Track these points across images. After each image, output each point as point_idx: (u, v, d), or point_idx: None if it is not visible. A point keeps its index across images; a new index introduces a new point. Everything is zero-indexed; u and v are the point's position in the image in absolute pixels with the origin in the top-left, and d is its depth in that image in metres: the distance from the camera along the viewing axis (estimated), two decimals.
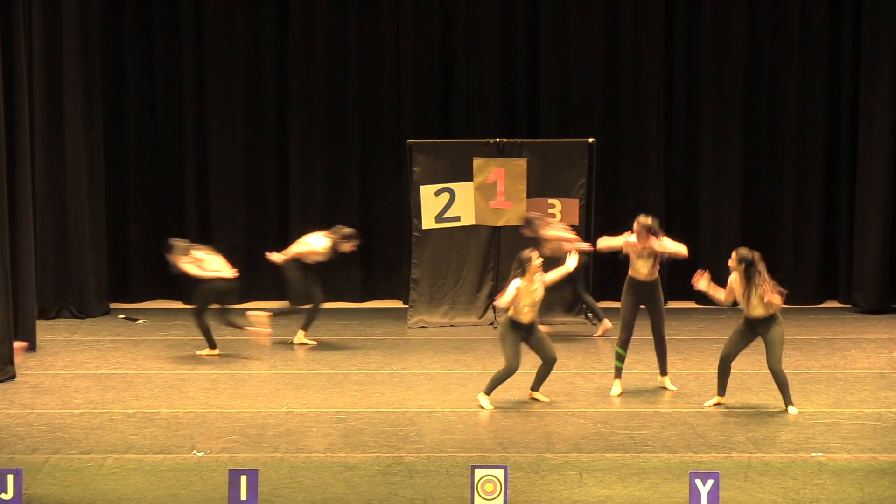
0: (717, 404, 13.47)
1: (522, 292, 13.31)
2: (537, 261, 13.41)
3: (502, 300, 13.39)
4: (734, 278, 13.22)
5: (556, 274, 13.62)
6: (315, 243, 16.19)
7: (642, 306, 13.95)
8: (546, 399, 13.73)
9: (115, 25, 18.48)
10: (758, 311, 13.14)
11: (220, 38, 18.52)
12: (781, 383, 13.27)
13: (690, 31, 18.62)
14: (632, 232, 13.83)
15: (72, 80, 17.64)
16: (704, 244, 18.63)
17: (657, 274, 13.87)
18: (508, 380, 14.64)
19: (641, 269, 13.81)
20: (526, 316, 13.40)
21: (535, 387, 13.79)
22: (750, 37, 18.52)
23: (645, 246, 13.75)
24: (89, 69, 17.84)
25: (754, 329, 13.23)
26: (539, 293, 13.42)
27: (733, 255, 13.24)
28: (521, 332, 13.46)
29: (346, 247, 16.33)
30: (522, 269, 13.37)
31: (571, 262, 13.80)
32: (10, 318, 14.83)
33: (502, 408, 13.49)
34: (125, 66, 18.58)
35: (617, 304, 14.29)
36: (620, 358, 13.98)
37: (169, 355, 15.81)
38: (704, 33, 18.52)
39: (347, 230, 16.31)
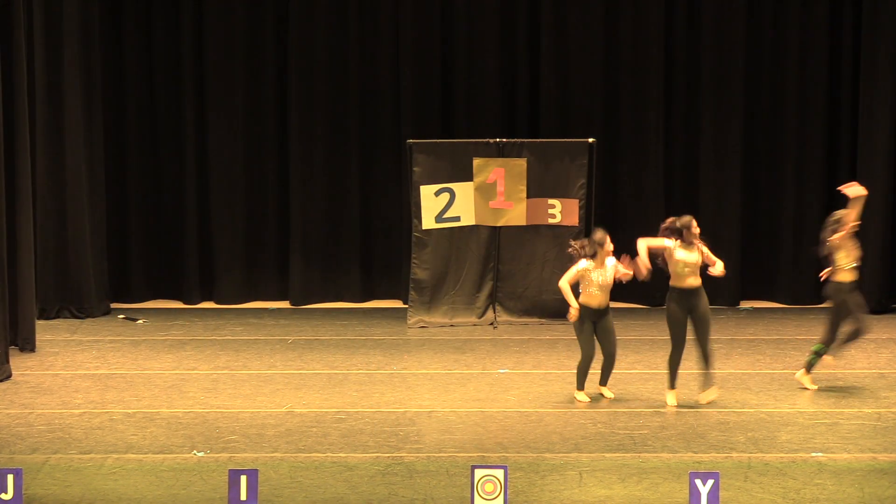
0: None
1: (590, 274, 13.50)
2: (610, 245, 13.62)
3: (563, 279, 13.64)
4: (674, 245, 13.38)
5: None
6: None
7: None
8: (612, 395, 13.84)
9: (115, 25, 18.46)
10: (697, 279, 13.40)
11: (220, 39, 18.50)
12: (712, 362, 13.52)
13: (690, 31, 18.61)
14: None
15: (72, 80, 17.62)
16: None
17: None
18: (509, 380, 14.66)
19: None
20: (595, 299, 13.54)
21: (603, 381, 13.91)
22: (750, 37, 18.51)
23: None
24: (89, 70, 17.83)
25: (688, 303, 13.41)
26: (609, 277, 13.63)
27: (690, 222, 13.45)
28: (593, 318, 13.65)
29: None
30: (594, 251, 13.58)
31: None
32: (6, 318, 14.84)
33: (502, 408, 13.50)
34: (125, 66, 18.57)
35: (614, 304, 14.16)
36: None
37: (169, 355, 15.81)
38: (704, 34, 18.50)
39: None
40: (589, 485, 11.13)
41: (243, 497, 10.11)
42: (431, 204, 17.33)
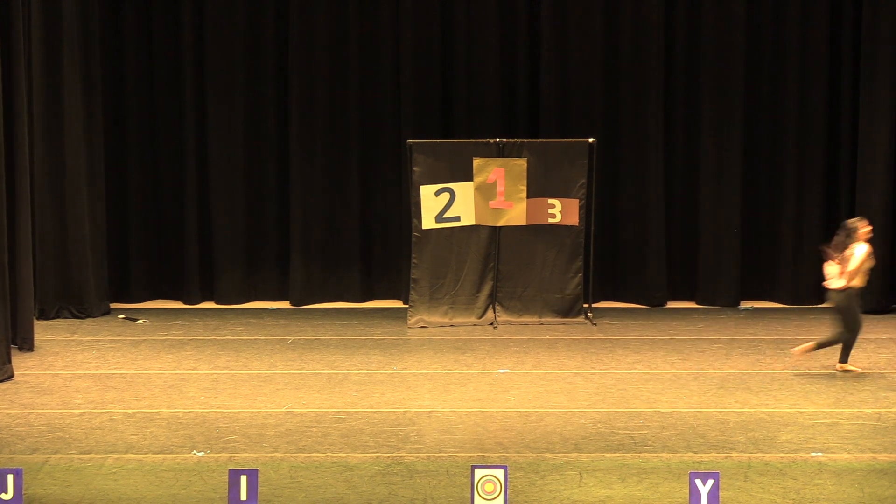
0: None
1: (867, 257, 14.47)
2: (865, 227, 14.49)
3: (851, 269, 14.42)
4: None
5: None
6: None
7: None
8: (857, 369, 14.71)
9: (115, 25, 18.46)
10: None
11: (220, 39, 18.50)
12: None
13: (690, 31, 18.60)
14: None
15: (72, 80, 17.60)
16: (704, 244, 18.64)
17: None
18: (509, 380, 14.67)
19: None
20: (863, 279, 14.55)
21: (844, 359, 14.75)
22: (750, 37, 18.50)
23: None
24: (89, 69, 17.82)
25: None
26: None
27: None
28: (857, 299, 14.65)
29: None
30: (851, 237, 14.48)
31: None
32: (7, 318, 14.83)
33: (502, 408, 13.50)
34: (125, 66, 18.57)
35: (614, 304, 14.14)
36: None
37: (169, 355, 15.81)
38: (704, 33, 18.49)
39: None
40: (589, 485, 11.13)
41: (243, 497, 10.10)
42: (431, 204, 17.33)
